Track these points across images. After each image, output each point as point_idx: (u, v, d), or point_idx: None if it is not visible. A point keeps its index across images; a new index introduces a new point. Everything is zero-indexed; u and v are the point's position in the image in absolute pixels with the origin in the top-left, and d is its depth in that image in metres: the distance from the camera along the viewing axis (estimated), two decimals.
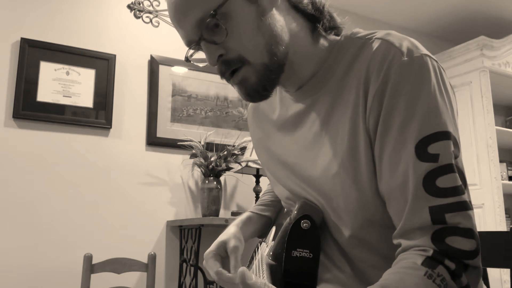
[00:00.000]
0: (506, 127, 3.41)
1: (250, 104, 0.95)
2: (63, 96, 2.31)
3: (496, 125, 3.04)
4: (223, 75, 0.72)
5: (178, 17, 0.70)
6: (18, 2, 2.30)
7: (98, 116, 2.37)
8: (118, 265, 2.01)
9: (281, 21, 0.72)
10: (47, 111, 2.26)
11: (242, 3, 0.68)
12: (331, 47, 0.76)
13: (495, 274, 2.73)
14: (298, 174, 0.78)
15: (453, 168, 0.61)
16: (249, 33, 0.68)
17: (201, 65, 0.75)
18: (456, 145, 0.64)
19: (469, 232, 0.59)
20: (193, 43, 0.71)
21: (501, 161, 3.14)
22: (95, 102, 2.37)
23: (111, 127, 2.40)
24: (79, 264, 2.04)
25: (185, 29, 0.70)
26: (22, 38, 2.25)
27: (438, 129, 0.62)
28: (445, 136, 0.62)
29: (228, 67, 0.70)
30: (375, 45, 0.69)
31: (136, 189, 2.42)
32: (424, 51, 0.67)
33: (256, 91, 0.72)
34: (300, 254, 0.70)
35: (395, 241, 0.65)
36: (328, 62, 0.75)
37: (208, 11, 0.66)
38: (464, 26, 3.52)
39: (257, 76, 0.70)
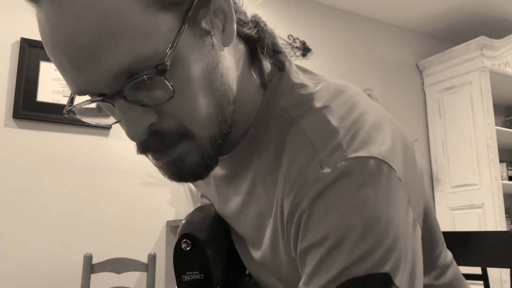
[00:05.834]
0: (506, 127, 3.41)
1: None
2: (63, 96, 2.30)
3: (496, 125, 3.04)
4: (147, 151, 0.49)
5: (80, 56, 0.41)
6: (18, 2, 2.30)
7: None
8: (118, 265, 2.01)
9: (231, 64, 0.51)
10: (47, 111, 2.25)
11: (193, 44, 0.45)
12: (264, 91, 0.56)
13: (495, 274, 2.73)
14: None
15: None
16: (199, 92, 0.46)
17: (101, 122, 0.51)
18: (407, 271, 0.44)
19: None
20: (96, 95, 0.44)
21: (501, 161, 3.14)
22: None
23: (111, 127, 2.40)
24: (79, 264, 2.04)
25: (88, 75, 0.42)
26: (22, 38, 2.25)
27: (366, 272, 0.42)
28: (376, 282, 0.41)
29: (162, 143, 0.47)
30: (297, 139, 0.50)
31: (136, 189, 2.42)
32: (364, 147, 0.46)
33: (192, 172, 0.51)
34: (190, 277, 0.64)
35: None
36: (260, 116, 0.56)
37: (146, 57, 0.41)
38: (464, 26, 3.52)
39: (200, 154, 0.50)
